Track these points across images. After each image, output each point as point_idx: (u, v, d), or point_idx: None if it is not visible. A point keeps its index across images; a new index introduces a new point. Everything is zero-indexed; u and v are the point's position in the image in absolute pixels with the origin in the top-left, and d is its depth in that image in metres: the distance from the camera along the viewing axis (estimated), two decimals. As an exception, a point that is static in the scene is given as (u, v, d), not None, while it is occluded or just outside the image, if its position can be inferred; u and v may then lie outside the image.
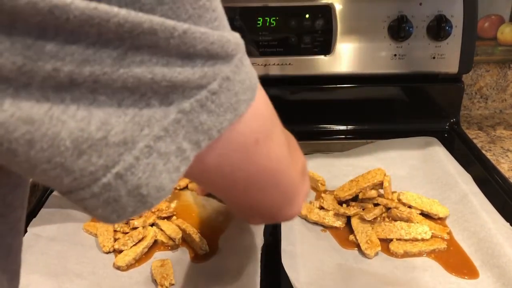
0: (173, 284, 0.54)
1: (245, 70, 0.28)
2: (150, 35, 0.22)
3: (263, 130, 0.31)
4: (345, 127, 0.90)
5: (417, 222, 0.61)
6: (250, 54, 0.89)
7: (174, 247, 0.60)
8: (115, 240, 0.60)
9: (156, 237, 0.61)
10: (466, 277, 0.54)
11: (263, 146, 0.31)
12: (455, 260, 0.56)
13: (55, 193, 0.69)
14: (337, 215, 0.63)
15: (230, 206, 0.43)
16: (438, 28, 0.81)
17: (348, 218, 0.63)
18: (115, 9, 0.21)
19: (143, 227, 0.62)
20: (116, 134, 0.23)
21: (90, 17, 0.20)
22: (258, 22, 0.82)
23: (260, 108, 0.31)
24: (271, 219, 0.46)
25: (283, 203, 0.38)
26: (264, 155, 0.32)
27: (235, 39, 0.27)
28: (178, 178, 0.26)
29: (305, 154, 0.80)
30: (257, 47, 0.83)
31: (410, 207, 0.64)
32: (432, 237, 0.60)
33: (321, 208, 0.65)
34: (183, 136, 0.25)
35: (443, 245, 0.58)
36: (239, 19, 0.82)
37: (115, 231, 0.62)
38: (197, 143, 0.26)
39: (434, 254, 0.58)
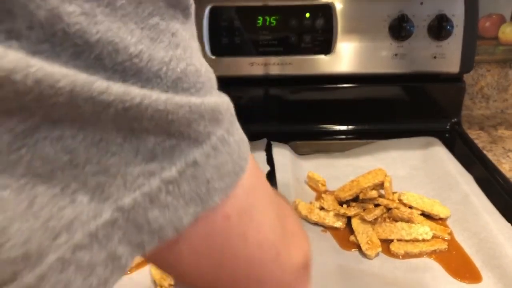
0: (172, 285, 0.53)
1: (227, 150, 0.23)
2: (69, 102, 0.17)
3: (238, 205, 0.24)
4: (346, 127, 0.90)
5: (418, 223, 0.61)
6: (250, 54, 0.88)
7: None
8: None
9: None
10: (467, 281, 0.53)
11: (236, 226, 0.24)
12: (457, 264, 0.56)
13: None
14: (337, 215, 0.63)
15: None
16: (439, 28, 0.81)
17: (349, 219, 0.63)
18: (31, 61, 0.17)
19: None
20: (14, 246, 0.17)
21: None
22: (258, 21, 0.82)
23: (244, 184, 0.24)
24: None
25: None
26: (237, 237, 0.24)
27: (218, 107, 0.22)
28: None
29: (305, 154, 0.81)
30: (257, 46, 0.83)
31: (411, 207, 0.64)
32: (433, 237, 0.59)
33: (322, 208, 0.65)
34: (119, 239, 0.20)
35: (444, 246, 0.58)
36: (239, 18, 0.82)
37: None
38: (140, 245, 0.20)
39: (435, 255, 0.57)
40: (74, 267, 0.18)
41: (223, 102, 0.24)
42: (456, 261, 0.56)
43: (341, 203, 0.65)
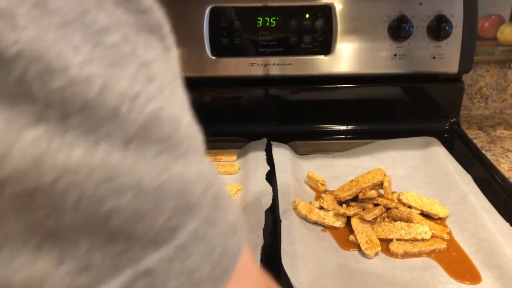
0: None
1: (204, 249, 0.17)
2: None
3: None
4: (345, 127, 0.90)
5: (417, 222, 0.61)
6: (250, 54, 0.89)
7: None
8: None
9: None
10: (466, 281, 0.53)
11: None
12: (456, 263, 0.56)
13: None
14: (337, 215, 0.63)
15: None
16: (438, 28, 0.81)
17: (348, 218, 0.63)
18: None
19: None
20: None
21: None
22: (258, 22, 0.82)
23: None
24: None
25: None
26: None
27: (191, 186, 0.17)
28: None
29: (305, 154, 0.82)
30: (257, 47, 0.83)
31: (410, 207, 0.64)
32: (432, 237, 0.60)
33: (321, 208, 0.65)
34: None
35: (443, 245, 0.58)
36: (239, 19, 0.82)
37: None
38: None
39: (434, 254, 0.58)
40: None
41: (206, 175, 0.18)
42: (455, 261, 0.56)
43: (340, 203, 0.65)
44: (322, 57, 0.84)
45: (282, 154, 0.78)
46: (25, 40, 0.13)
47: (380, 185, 0.64)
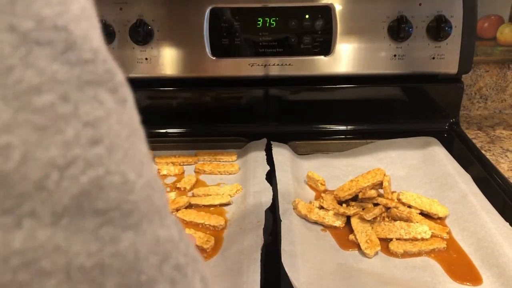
0: None
1: None
2: None
3: None
4: (345, 127, 0.90)
5: (417, 222, 0.61)
6: (250, 55, 0.89)
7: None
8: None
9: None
10: (466, 282, 0.53)
11: None
12: (456, 263, 0.56)
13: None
14: (337, 214, 0.63)
15: None
16: (438, 29, 0.81)
17: (348, 218, 0.64)
18: None
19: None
20: None
21: None
22: (258, 22, 0.83)
23: None
24: None
25: None
26: None
27: (139, 263, 0.15)
28: None
29: (305, 154, 0.82)
30: (257, 47, 0.83)
31: (409, 207, 0.64)
32: (431, 236, 0.60)
33: (321, 207, 0.65)
34: None
35: (442, 245, 0.59)
36: (239, 19, 0.82)
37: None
38: None
39: (434, 254, 0.58)
40: None
41: (165, 243, 0.16)
42: (455, 262, 0.57)
43: (340, 203, 0.65)
44: (322, 57, 0.84)
45: (282, 154, 0.78)
46: None
47: (380, 184, 0.64)
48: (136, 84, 0.95)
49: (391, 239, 0.60)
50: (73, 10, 0.15)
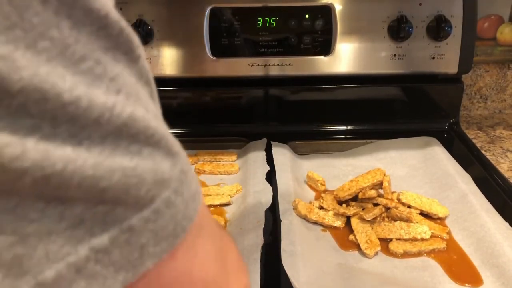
0: None
1: (172, 212, 0.21)
2: None
3: (176, 266, 0.23)
4: (345, 127, 0.90)
5: (417, 222, 0.61)
6: (250, 54, 0.89)
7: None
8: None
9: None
10: (469, 285, 0.53)
11: (178, 259, 0.23)
12: (456, 263, 0.56)
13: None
14: (337, 215, 0.63)
15: None
16: (438, 28, 0.81)
17: (348, 218, 0.64)
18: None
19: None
20: None
21: None
22: (258, 22, 0.83)
23: (187, 239, 0.23)
24: None
25: None
26: (182, 276, 0.24)
27: (162, 170, 0.21)
28: None
29: (305, 154, 0.82)
30: (257, 47, 0.83)
31: (409, 207, 0.64)
32: (431, 237, 0.60)
33: (321, 208, 0.65)
34: None
35: (442, 245, 0.59)
36: (239, 19, 0.82)
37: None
38: None
39: (434, 254, 0.58)
40: None
41: (174, 155, 0.22)
42: (454, 260, 0.57)
43: (340, 203, 0.65)
44: (322, 57, 0.84)
45: (282, 154, 0.78)
46: (26, 76, 0.16)
47: (380, 185, 0.64)
48: (136, 84, 0.94)
49: (391, 239, 0.60)
50: None
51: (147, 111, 0.21)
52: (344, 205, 0.65)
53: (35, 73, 0.17)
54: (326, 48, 0.84)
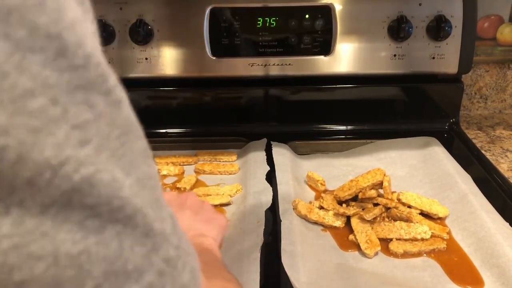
0: None
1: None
2: None
3: None
4: (345, 127, 0.90)
5: (417, 222, 0.61)
6: (250, 54, 0.89)
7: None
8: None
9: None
10: (469, 286, 0.53)
11: None
12: (456, 263, 0.56)
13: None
14: (337, 215, 0.63)
15: None
16: (438, 29, 0.81)
17: (348, 218, 0.64)
18: None
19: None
20: None
21: None
22: (258, 22, 0.83)
23: None
24: None
25: None
26: None
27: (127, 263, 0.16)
28: None
29: (305, 154, 0.82)
30: (257, 47, 0.83)
31: (409, 207, 0.64)
32: (431, 237, 0.60)
33: (321, 208, 0.65)
34: None
35: (442, 245, 0.59)
36: (239, 19, 0.82)
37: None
38: None
39: (434, 254, 0.58)
40: None
41: (154, 238, 0.17)
42: (454, 261, 0.57)
43: (340, 203, 0.65)
44: (322, 57, 0.84)
45: (282, 154, 0.78)
46: None
47: (380, 184, 0.64)
48: (136, 84, 0.95)
49: (391, 239, 0.60)
50: (68, 17, 0.16)
51: (127, 174, 0.16)
52: (344, 205, 0.65)
53: None
54: (326, 48, 0.84)
